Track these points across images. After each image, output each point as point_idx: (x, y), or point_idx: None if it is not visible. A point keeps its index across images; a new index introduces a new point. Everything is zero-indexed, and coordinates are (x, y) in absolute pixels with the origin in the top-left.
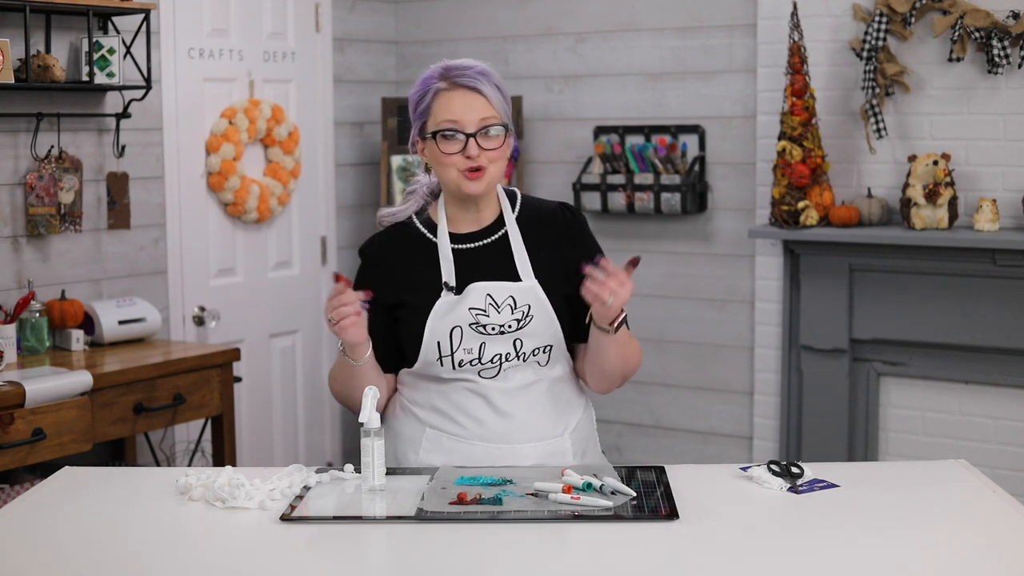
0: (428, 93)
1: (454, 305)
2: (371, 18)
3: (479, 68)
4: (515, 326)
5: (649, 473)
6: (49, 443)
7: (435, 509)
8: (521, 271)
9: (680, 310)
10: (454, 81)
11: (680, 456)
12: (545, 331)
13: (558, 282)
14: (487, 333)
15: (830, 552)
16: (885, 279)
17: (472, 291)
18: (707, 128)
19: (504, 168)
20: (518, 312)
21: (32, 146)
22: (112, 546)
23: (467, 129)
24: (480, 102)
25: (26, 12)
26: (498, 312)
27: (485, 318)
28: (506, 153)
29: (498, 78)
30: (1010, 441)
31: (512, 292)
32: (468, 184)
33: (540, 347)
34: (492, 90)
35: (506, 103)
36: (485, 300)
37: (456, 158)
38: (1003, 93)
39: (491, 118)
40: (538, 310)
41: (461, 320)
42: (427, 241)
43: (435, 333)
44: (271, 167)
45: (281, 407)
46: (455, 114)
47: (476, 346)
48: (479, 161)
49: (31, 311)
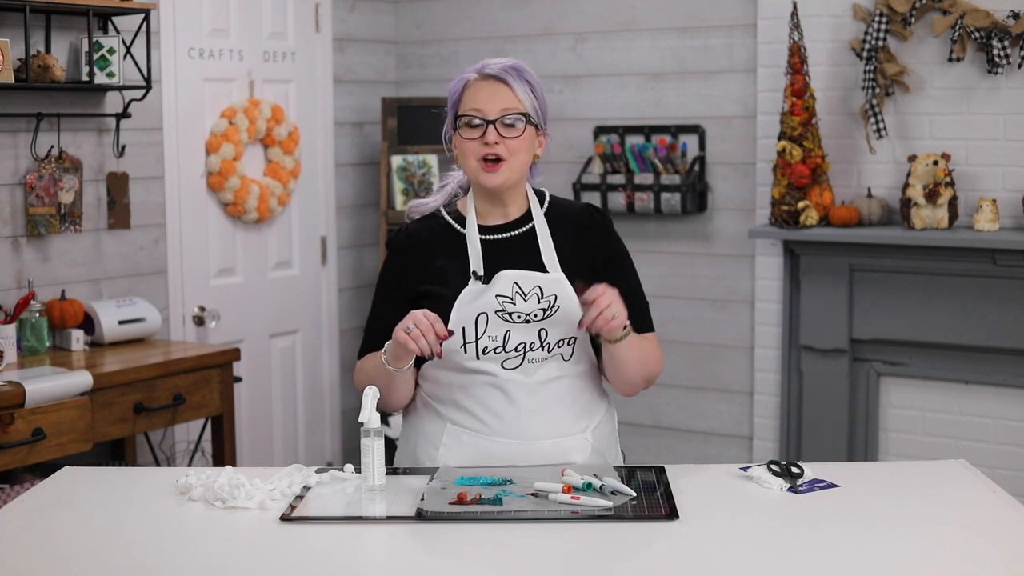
0: (460, 85)
1: (481, 293)
2: (371, 18)
3: (513, 64)
4: (541, 315)
5: (649, 473)
6: (49, 443)
7: (435, 509)
8: (548, 263)
9: (680, 310)
10: (484, 73)
11: (680, 456)
12: (570, 322)
13: (584, 278)
14: (513, 321)
15: (830, 552)
16: (885, 279)
17: (500, 278)
18: (707, 128)
19: (527, 163)
20: (544, 302)
21: (32, 146)
22: (112, 546)
23: (488, 116)
24: (505, 92)
25: (26, 12)
26: (524, 300)
27: (511, 305)
28: (529, 147)
29: (532, 76)
30: (1010, 441)
31: (539, 282)
32: (486, 176)
33: (565, 339)
34: (521, 84)
35: (536, 100)
36: (512, 288)
37: (475, 145)
38: (1003, 93)
39: (513, 108)
40: (564, 301)
41: (487, 307)
42: (455, 232)
43: (461, 319)
44: (271, 167)
45: (281, 407)
46: (479, 102)
47: (501, 334)
48: (497, 150)
49: (31, 311)
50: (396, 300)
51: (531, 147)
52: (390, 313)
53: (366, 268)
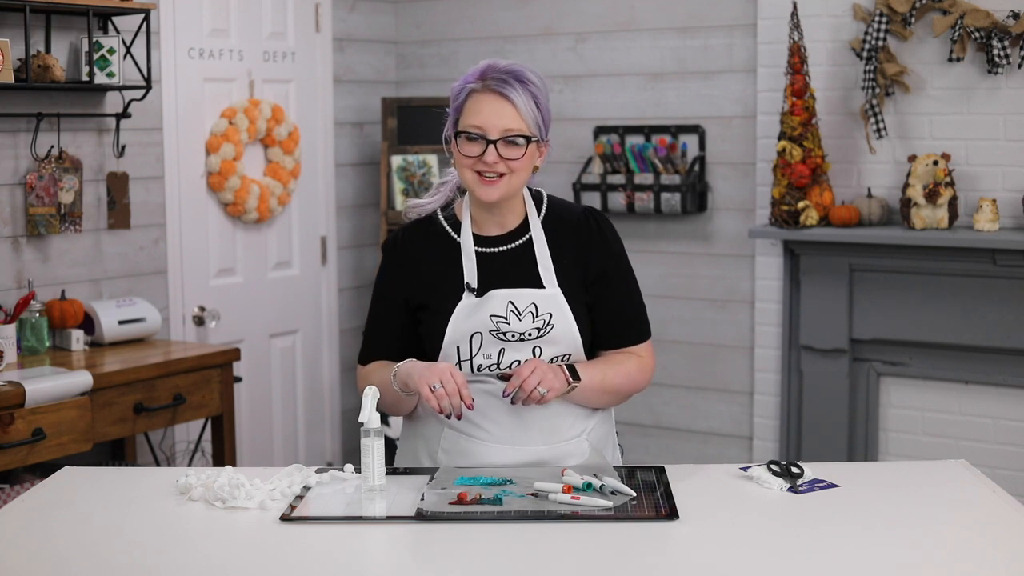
0: (463, 91)
1: (475, 309)
2: (371, 18)
3: (519, 74)
4: (535, 334)
5: (649, 473)
6: (49, 443)
7: (435, 509)
8: (544, 278)
9: (680, 310)
10: (488, 84)
11: (680, 456)
12: (565, 339)
13: (580, 290)
14: (507, 340)
15: (830, 552)
16: (885, 279)
17: (494, 297)
18: (707, 128)
19: (526, 178)
20: (539, 320)
21: (32, 146)
22: (112, 546)
23: (490, 135)
24: (508, 111)
25: (26, 12)
26: (519, 320)
27: (506, 325)
28: (529, 164)
29: (536, 84)
30: (1010, 441)
31: (535, 299)
32: (482, 190)
33: (559, 355)
34: (525, 100)
35: (539, 113)
36: (507, 308)
37: (474, 161)
38: (1003, 93)
39: (516, 129)
40: (559, 318)
41: (481, 327)
42: (450, 240)
43: (455, 338)
44: (271, 167)
45: (281, 407)
46: (481, 119)
47: (495, 352)
48: (496, 168)
49: (31, 311)
50: (393, 306)
51: (531, 163)
52: (388, 318)
53: (366, 268)
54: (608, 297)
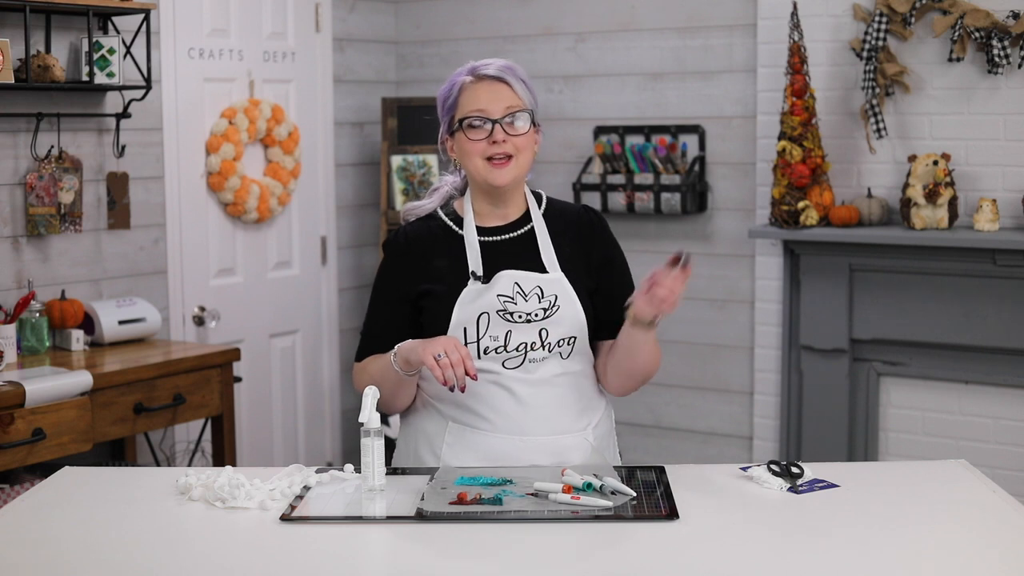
0: (455, 88)
1: (481, 292)
2: (371, 18)
3: (506, 63)
4: (542, 315)
5: (649, 473)
6: (49, 443)
7: (435, 509)
8: (547, 264)
9: (680, 310)
10: (479, 74)
11: (680, 456)
12: (571, 322)
13: (582, 277)
14: (514, 321)
15: (830, 552)
16: (885, 279)
17: (500, 278)
18: (707, 128)
19: (531, 160)
20: (545, 301)
21: (32, 146)
22: (112, 546)
23: (493, 116)
24: (506, 91)
25: (26, 12)
26: (525, 300)
27: (513, 305)
28: (533, 144)
29: (524, 73)
30: (1010, 441)
31: (539, 282)
32: (494, 174)
33: (565, 338)
34: (518, 82)
35: (532, 96)
36: (513, 288)
37: (482, 145)
38: (1003, 93)
39: (516, 106)
40: (564, 301)
41: (489, 307)
42: (453, 233)
43: (462, 319)
44: (271, 167)
45: (281, 407)
46: (481, 103)
47: (502, 333)
48: (505, 148)
49: (31, 311)
50: (395, 302)
51: (533, 144)
52: (389, 315)
53: (366, 268)
54: (613, 282)
